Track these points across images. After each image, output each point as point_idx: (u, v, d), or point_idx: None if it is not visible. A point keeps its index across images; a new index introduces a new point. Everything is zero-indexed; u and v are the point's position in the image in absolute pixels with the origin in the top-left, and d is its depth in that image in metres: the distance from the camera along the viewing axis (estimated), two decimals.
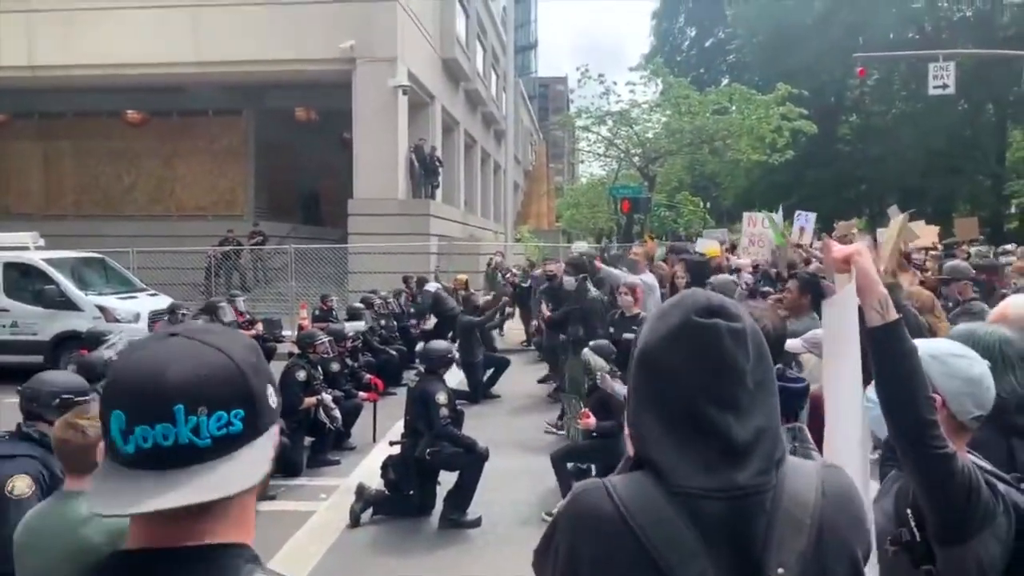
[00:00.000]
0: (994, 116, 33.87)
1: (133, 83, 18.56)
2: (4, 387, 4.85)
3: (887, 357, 1.53)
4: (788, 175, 31.32)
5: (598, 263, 7.61)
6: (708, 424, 1.07)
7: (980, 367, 1.68)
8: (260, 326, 10.52)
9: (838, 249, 1.60)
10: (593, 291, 7.34)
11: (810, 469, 1.14)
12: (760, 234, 11.46)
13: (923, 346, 1.69)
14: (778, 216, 11.29)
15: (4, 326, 10.50)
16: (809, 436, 2.23)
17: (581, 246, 20.15)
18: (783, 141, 23.70)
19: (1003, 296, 5.62)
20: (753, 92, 24.26)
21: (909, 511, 1.61)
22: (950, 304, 5.42)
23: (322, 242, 17.85)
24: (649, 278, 6.73)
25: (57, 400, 3.23)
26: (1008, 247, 11.24)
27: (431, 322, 11.68)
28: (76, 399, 3.24)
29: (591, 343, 5.50)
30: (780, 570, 1.03)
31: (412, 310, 12.29)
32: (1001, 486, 1.57)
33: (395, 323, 11.20)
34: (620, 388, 5.02)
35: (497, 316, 10.90)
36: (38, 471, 3.02)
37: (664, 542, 1.05)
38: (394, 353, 10.22)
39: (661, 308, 1.19)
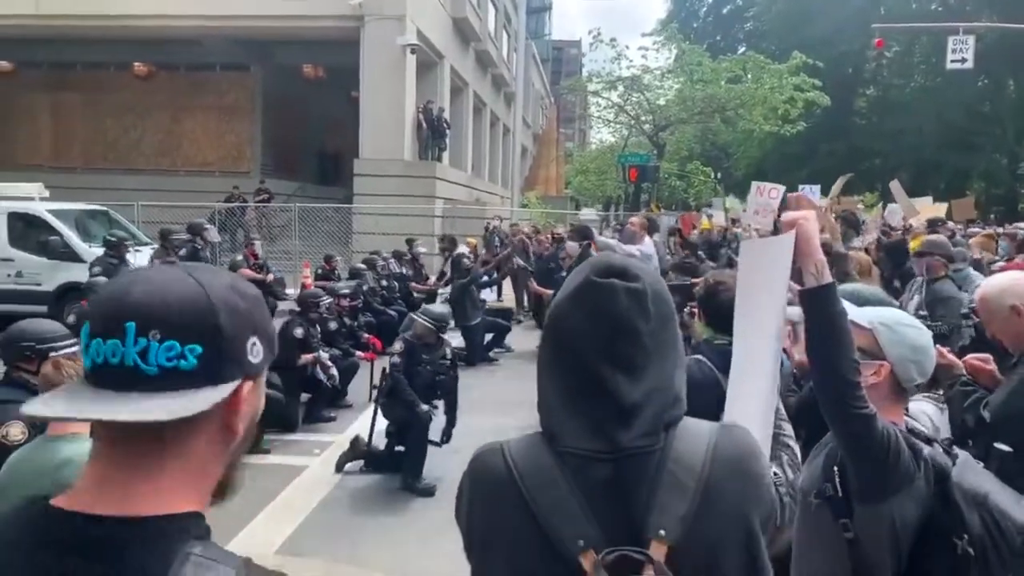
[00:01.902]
0: (1015, 93, 33.25)
1: (142, 35, 18.43)
2: None
3: (819, 317, 1.59)
4: (801, 147, 30.96)
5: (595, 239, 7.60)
6: (599, 384, 1.07)
7: (926, 337, 1.74)
8: (271, 276, 10.57)
9: (787, 215, 1.64)
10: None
11: (703, 431, 1.12)
12: (766, 204, 11.34)
13: (875, 313, 1.77)
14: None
15: (9, 275, 10.56)
16: (781, 406, 2.24)
17: (589, 214, 20.04)
18: (796, 112, 23.38)
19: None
20: (767, 61, 23.87)
21: (835, 468, 1.67)
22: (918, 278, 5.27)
23: (329, 201, 17.82)
24: (647, 247, 6.70)
25: (22, 347, 3.23)
26: (1021, 225, 11.09)
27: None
28: (38, 347, 3.23)
29: None
30: (661, 532, 1.03)
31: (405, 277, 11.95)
32: (926, 450, 1.62)
33: (396, 284, 11.22)
34: None
35: (495, 274, 10.93)
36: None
37: (548, 503, 1.06)
38: (394, 314, 10.26)
39: (574, 270, 1.19)
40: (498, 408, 7.25)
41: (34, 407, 0.77)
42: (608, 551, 1.03)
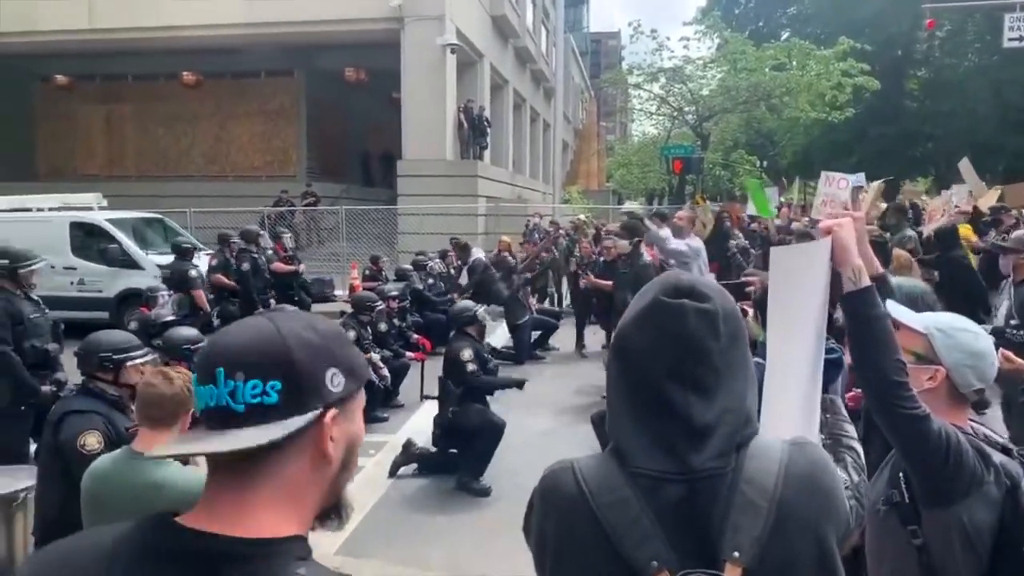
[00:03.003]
0: None
1: (189, 45, 18.85)
2: (74, 343, 5.15)
3: (858, 321, 1.60)
4: (850, 133, 30.15)
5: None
6: (669, 405, 1.08)
7: (984, 342, 1.72)
8: (303, 266, 10.90)
9: (823, 223, 1.65)
10: (645, 256, 7.20)
11: (775, 449, 1.11)
12: (834, 195, 11.08)
13: (930, 319, 1.76)
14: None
15: (72, 283, 10.95)
16: (843, 408, 2.21)
17: (632, 207, 19.87)
18: (844, 98, 22.79)
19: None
20: (812, 47, 23.31)
21: (901, 474, 1.67)
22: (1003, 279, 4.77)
23: (374, 202, 18.06)
24: (695, 242, 6.61)
25: (99, 358, 3.35)
26: None
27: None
28: (114, 357, 3.37)
29: None
30: (735, 554, 1.03)
31: (452, 278, 11.61)
32: (997, 456, 1.60)
33: (442, 285, 11.31)
34: None
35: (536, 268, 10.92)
36: (105, 427, 3.20)
37: (620, 523, 1.06)
38: (442, 314, 10.34)
39: (641, 290, 1.20)
40: (547, 408, 7.28)
41: (159, 450, 0.91)
42: (683, 573, 1.03)
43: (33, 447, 4.69)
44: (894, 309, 1.67)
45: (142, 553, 0.85)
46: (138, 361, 3.50)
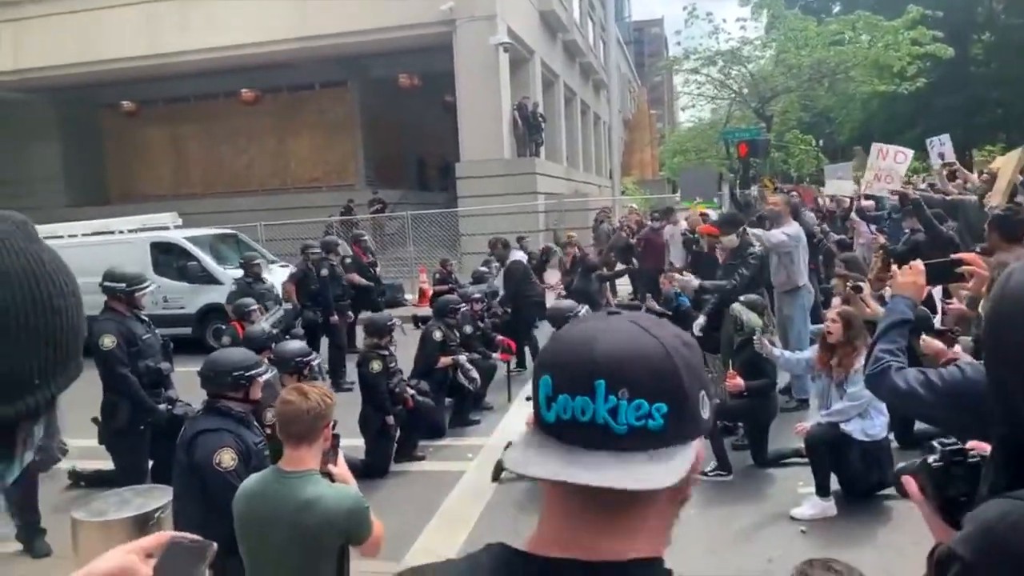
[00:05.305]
0: None
1: (244, 62, 19.25)
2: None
3: None
4: (911, 104, 29.03)
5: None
6: None
7: None
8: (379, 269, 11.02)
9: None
10: (755, 245, 6.78)
11: None
12: (889, 168, 10.40)
13: None
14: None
15: (155, 302, 11.21)
16: None
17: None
18: (914, 68, 21.83)
19: None
20: (879, 18, 22.43)
21: None
22: None
23: (430, 207, 18.13)
24: (792, 228, 6.33)
25: (232, 377, 3.42)
26: None
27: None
28: (246, 374, 3.44)
29: (742, 297, 5.25)
30: None
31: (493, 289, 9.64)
32: None
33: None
34: (777, 350, 4.78)
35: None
36: (237, 443, 3.22)
37: None
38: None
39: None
40: None
41: (514, 461, 0.77)
42: None
43: (150, 464, 4.80)
44: None
45: None
46: (264, 377, 3.55)
